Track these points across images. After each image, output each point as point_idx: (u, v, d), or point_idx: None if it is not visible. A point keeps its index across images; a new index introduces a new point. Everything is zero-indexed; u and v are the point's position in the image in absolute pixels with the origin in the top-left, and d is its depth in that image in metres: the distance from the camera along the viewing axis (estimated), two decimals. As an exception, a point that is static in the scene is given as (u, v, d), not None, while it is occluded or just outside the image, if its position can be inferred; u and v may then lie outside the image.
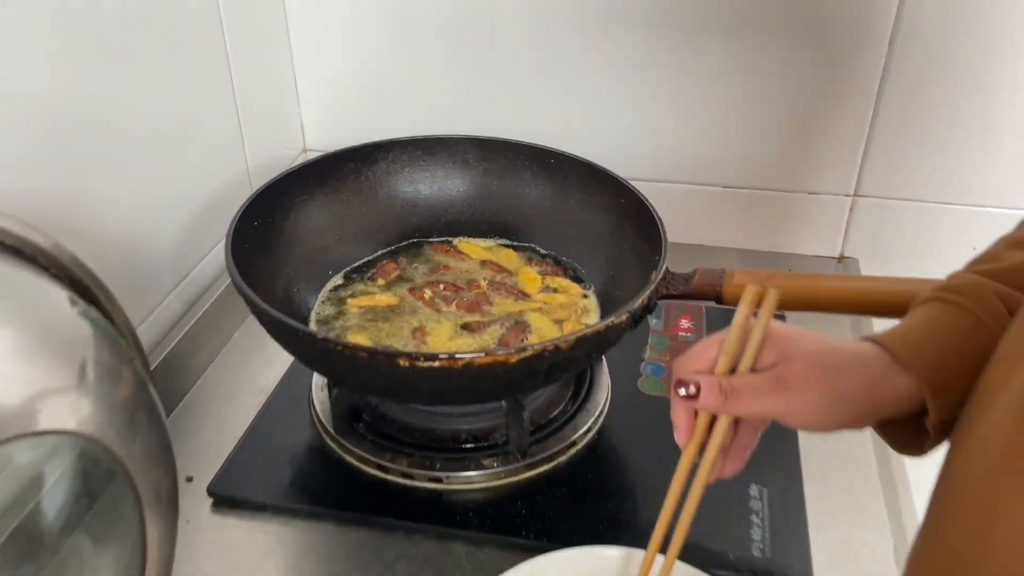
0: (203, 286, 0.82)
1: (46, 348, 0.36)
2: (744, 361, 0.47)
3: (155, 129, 0.72)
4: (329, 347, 0.55)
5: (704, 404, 0.46)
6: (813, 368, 0.46)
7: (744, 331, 0.47)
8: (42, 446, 0.38)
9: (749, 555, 0.59)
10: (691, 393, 0.46)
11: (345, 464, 0.66)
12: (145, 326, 0.74)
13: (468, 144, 0.82)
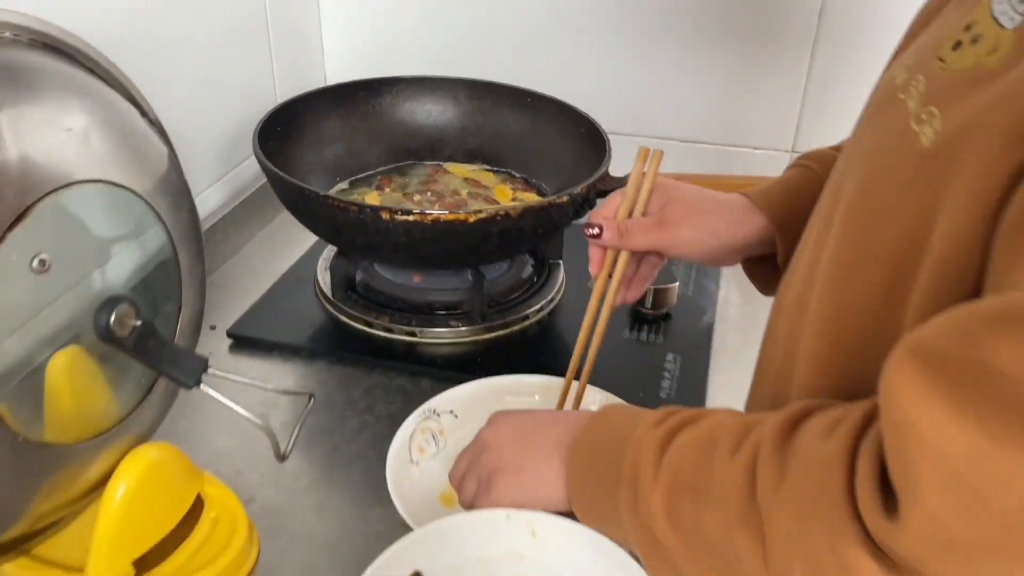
0: (238, 187, 0.98)
1: (122, 130, 0.52)
2: (638, 207, 0.62)
3: (205, 53, 0.88)
4: (329, 202, 0.70)
5: (605, 240, 0.61)
6: (688, 210, 0.61)
7: (637, 184, 0.62)
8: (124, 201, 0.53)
9: (656, 397, 0.74)
10: (595, 233, 0.62)
11: (339, 320, 0.81)
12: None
13: (460, 84, 0.97)
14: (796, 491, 0.36)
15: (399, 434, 0.64)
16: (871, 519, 0.32)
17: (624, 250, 0.62)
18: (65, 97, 0.51)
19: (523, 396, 0.69)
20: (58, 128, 0.49)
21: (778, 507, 0.36)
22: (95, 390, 0.52)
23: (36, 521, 0.53)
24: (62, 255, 0.47)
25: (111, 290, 0.51)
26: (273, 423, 0.69)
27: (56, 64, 0.53)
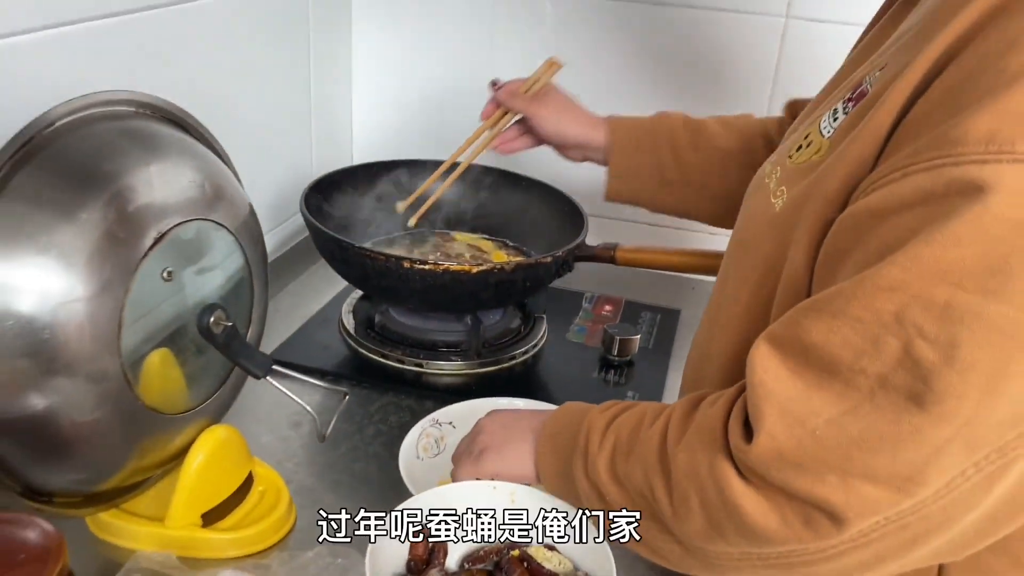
0: (281, 241, 1.16)
1: (217, 182, 0.70)
2: (531, 89, 0.91)
3: (264, 130, 1.08)
4: (363, 252, 0.88)
5: (498, 96, 0.91)
6: (557, 101, 0.92)
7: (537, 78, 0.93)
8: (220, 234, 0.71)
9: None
10: (498, 87, 0.92)
11: (359, 352, 0.98)
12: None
13: (468, 169, 1.17)
14: (691, 440, 0.53)
15: (409, 436, 0.80)
16: (735, 446, 0.49)
17: (508, 110, 0.93)
18: (181, 157, 0.69)
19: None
20: (179, 180, 0.67)
21: (679, 452, 0.53)
22: (189, 374, 0.69)
23: (129, 476, 0.69)
24: (181, 269, 0.65)
25: (210, 299, 0.68)
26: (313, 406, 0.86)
27: (171, 131, 0.71)
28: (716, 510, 0.50)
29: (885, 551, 0.47)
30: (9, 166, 0.59)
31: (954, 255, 0.41)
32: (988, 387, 0.42)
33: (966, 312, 0.41)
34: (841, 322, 0.45)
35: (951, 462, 0.44)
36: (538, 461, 0.65)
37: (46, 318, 0.58)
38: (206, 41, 0.95)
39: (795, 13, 1.11)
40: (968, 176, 0.41)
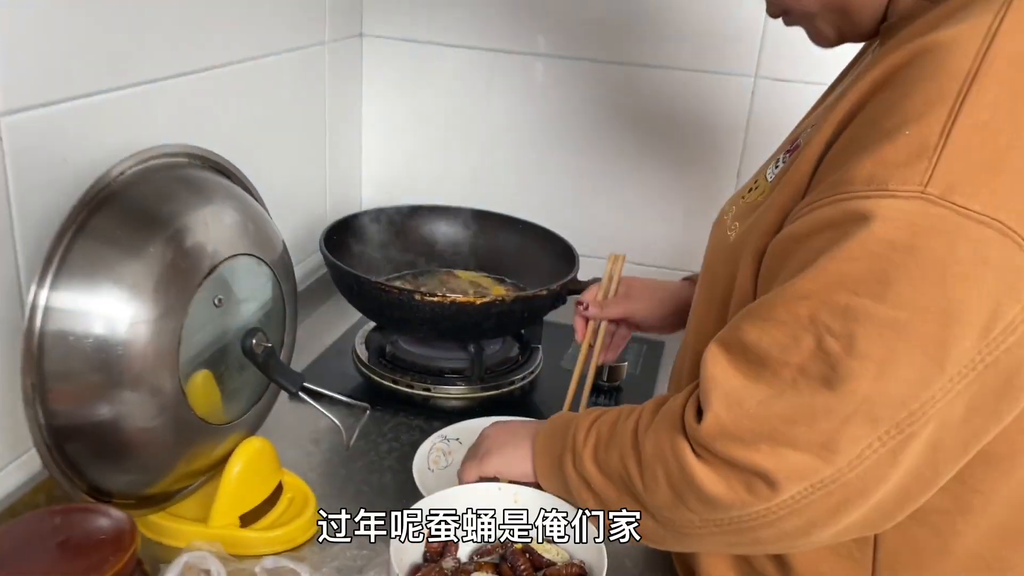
0: (299, 278, 1.25)
1: (257, 224, 0.81)
2: (610, 293, 0.93)
3: (286, 177, 1.19)
4: (378, 286, 0.99)
5: (589, 313, 0.92)
6: (644, 288, 0.93)
7: (609, 279, 0.93)
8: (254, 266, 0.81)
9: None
10: (584, 306, 0.93)
11: (372, 379, 1.08)
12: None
13: (468, 212, 1.28)
14: (656, 426, 0.63)
15: (420, 449, 0.90)
16: (689, 425, 0.59)
17: (602, 320, 0.92)
18: (227, 200, 0.80)
19: (509, 430, 0.95)
20: (226, 220, 0.78)
21: (647, 437, 0.63)
22: (231, 390, 0.79)
23: (177, 480, 0.78)
24: (228, 297, 0.75)
25: (251, 323, 0.78)
26: (331, 437, 0.95)
27: (217, 178, 0.82)
28: (677, 482, 0.60)
29: (817, 516, 0.57)
30: (87, 211, 0.70)
31: (849, 268, 0.52)
32: (879, 371, 0.52)
33: (860, 313, 0.52)
34: (770, 324, 0.56)
35: (858, 433, 0.54)
36: (535, 460, 0.75)
37: (118, 338, 0.68)
38: (240, 99, 1.06)
39: (763, 73, 1.23)
40: (856, 208, 0.52)
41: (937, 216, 0.50)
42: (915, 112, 0.52)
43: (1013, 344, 0.52)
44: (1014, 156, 0.51)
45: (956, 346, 0.52)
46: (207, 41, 0.98)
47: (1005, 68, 0.52)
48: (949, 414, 0.54)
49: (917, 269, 0.51)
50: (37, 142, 0.75)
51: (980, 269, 0.51)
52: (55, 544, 0.62)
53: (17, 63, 0.72)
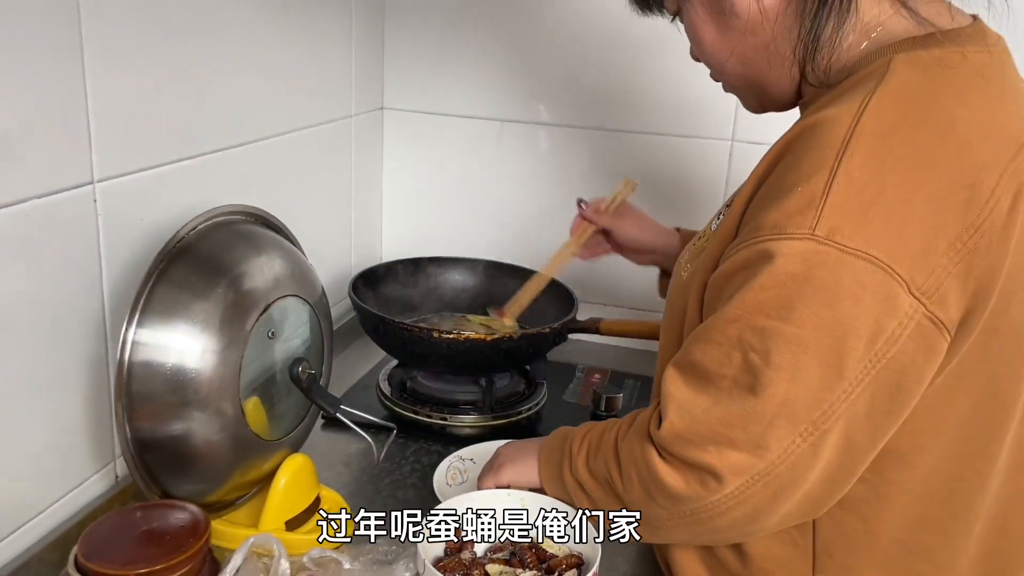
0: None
1: (301, 270, 0.95)
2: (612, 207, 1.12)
3: (317, 230, 1.34)
4: (400, 326, 1.13)
5: (586, 213, 1.12)
6: (635, 216, 1.12)
7: (614, 198, 1.13)
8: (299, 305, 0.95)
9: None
10: (584, 206, 1.12)
11: (394, 410, 1.21)
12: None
13: (479, 263, 1.43)
14: (630, 435, 0.76)
15: (440, 467, 1.03)
16: (652, 432, 0.72)
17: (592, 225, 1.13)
18: (276, 250, 0.94)
19: (517, 451, 1.08)
20: (276, 267, 0.92)
21: (623, 445, 0.76)
22: (279, 411, 0.92)
23: (232, 490, 0.91)
24: (279, 331, 0.90)
25: (297, 353, 0.92)
26: (359, 460, 1.08)
27: (267, 232, 0.97)
28: (646, 480, 0.73)
29: (759, 505, 0.69)
30: (166, 261, 0.84)
31: (762, 296, 0.65)
32: (791, 378, 0.65)
33: (772, 332, 0.65)
34: (709, 345, 0.69)
35: (781, 432, 0.66)
36: (540, 470, 0.88)
37: (191, 366, 0.82)
38: (283, 165, 1.22)
39: (739, 137, 1.39)
40: (764, 248, 0.66)
41: (824, 252, 0.63)
42: (805, 173, 0.66)
43: (896, 353, 0.65)
44: (880, 205, 0.64)
45: (849, 356, 0.64)
46: (256, 118, 1.14)
47: (869, 139, 0.65)
48: (854, 412, 0.66)
49: (812, 295, 0.64)
50: (123, 204, 0.90)
51: (860, 292, 0.63)
52: (140, 533, 0.75)
53: (108, 140, 0.87)
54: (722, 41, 0.78)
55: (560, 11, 1.42)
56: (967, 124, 0.67)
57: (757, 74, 0.79)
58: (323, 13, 1.29)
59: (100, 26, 0.83)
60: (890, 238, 0.63)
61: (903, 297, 0.64)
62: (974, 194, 0.65)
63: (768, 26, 0.74)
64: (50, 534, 0.86)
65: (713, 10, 0.77)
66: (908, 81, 0.68)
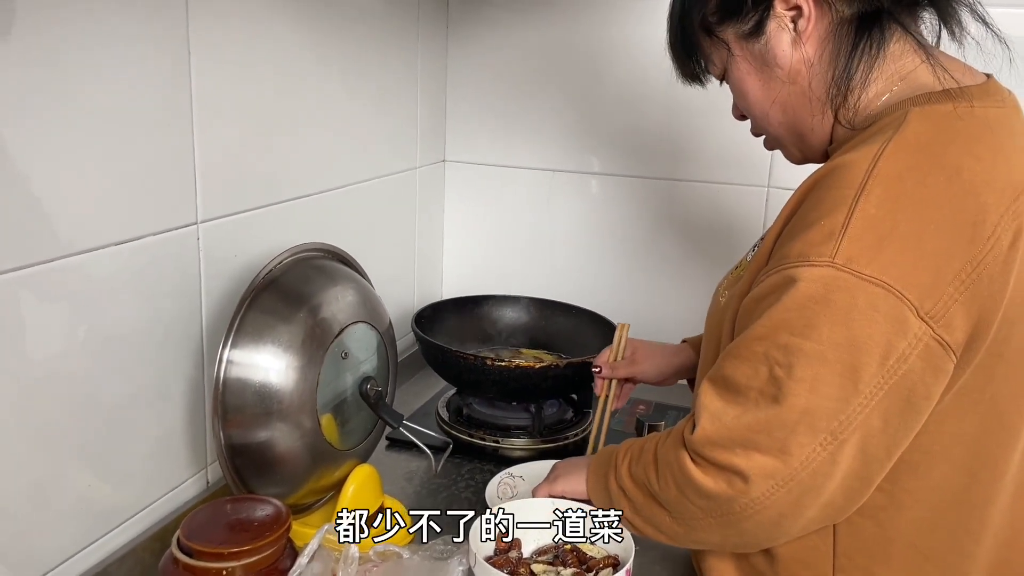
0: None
1: (370, 300, 1.08)
2: (619, 355, 1.16)
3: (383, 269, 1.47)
4: (457, 354, 1.24)
5: (603, 374, 1.15)
6: (646, 352, 1.16)
7: (618, 343, 1.16)
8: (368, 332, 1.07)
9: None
10: (598, 370, 1.15)
11: (451, 433, 1.32)
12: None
13: (530, 300, 1.54)
14: (667, 443, 0.84)
15: (492, 482, 1.13)
16: (686, 439, 0.81)
17: (614, 379, 1.16)
18: (349, 283, 1.07)
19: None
20: (348, 297, 1.05)
21: (661, 449, 0.85)
22: (350, 425, 1.04)
23: (307, 494, 1.03)
24: (352, 352, 1.02)
25: (367, 372, 1.04)
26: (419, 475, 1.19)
27: (341, 267, 1.10)
28: (679, 481, 0.81)
29: (784, 509, 0.76)
30: (255, 292, 0.98)
31: (786, 316, 0.74)
32: (811, 390, 0.73)
33: (795, 348, 0.73)
34: (739, 361, 0.78)
35: (803, 440, 0.73)
36: (588, 481, 0.96)
37: (276, 382, 0.95)
38: (356, 210, 1.37)
39: (775, 184, 1.49)
40: (789, 274, 0.74)
41: (842, 278, 0.72)
42: (827, 210, 0.75)
43: (906, 371, 0.72)
44: (893, 239, 0.72)
45: (864, 371, 0.72)
46: (333, 169, 1.29)
47: (884, 181, 0.74)
48: (869, 425, 0.74)
49: (830, 315, 0.72)
50: (220, 242, 1.05)
51: (873, 315, 0.71)
52: (231, 521, 0.87)
53: (210, 187, 1.02)
54: (766, 91, 0.86)
55: (610, 71, 1.55)
56: (972, 170, 0.75)
57: (798, 121, 0.87)
58: (392, 76, 1.44)
59: (207, 88, 0.99)
60: (901, 268, 0.71)
61: (912, 320, 0.71)
62: (977, 231, 0.73)
63: (806, 72, 0.83)
64: (152, 527, 0.99)
65: (756, 64, 0.85)
66: (921, 132, 0.76)
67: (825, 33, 0.82)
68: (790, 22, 0.82)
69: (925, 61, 0.82)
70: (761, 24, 0.83)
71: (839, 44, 0.81)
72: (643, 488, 0.88)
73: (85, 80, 0.83)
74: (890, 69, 0.82)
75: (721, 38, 0.86)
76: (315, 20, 1.19)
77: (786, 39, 0.82)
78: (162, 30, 0.91)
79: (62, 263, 0.83)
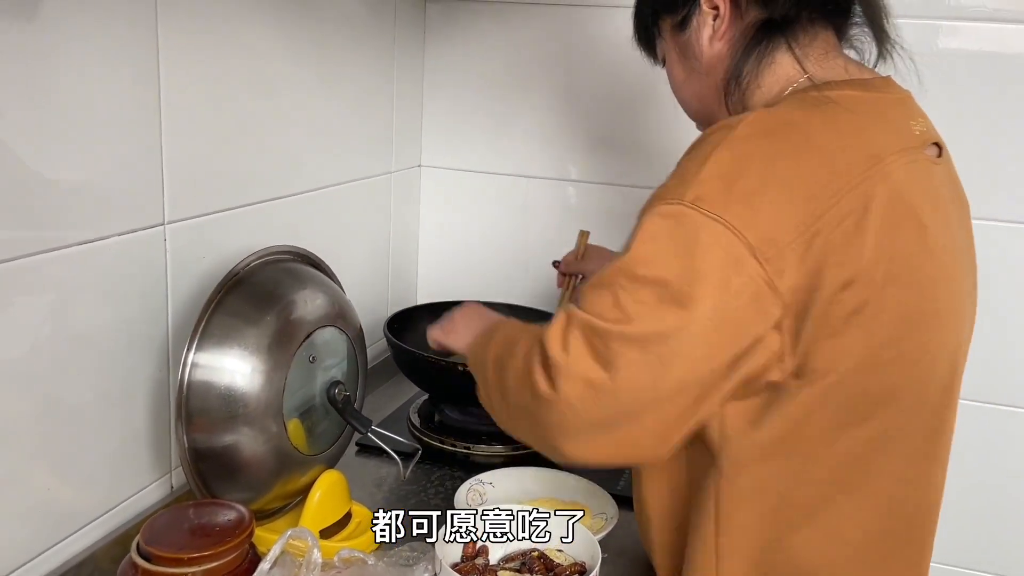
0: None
1: (340, 304, 1.07)
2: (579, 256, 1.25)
3: (357, 273, 1.46)
4: (429, 360, 1.24)
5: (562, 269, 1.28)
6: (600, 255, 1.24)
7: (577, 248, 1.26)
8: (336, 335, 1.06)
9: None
10: (557, 263, 1.27)
11: (422, 440, 1.31)
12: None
13: (505, 307, 1.53)
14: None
15: (461, 488, 1.13)
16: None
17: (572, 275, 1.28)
18: (319, 286, 1.06)
19: (531, 479, 1.17)
20: (318, 301, 1.04)
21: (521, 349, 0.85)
22: (317, 430, 1.03)
23: (273, 500, 1.02)
24: (320, 356, 1.01)
25: (335, 377, 1.04)
26: (388, 482, 1.18)
27: (311, 270, 1.09)
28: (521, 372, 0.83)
29: (595, 418, 0.77)
30: (222, 293, 0.97)
31: (639, 247, 0.78)
32: (650, 313, 0.75)
33: (641, 277, 0.77)
34: (596, 288, 0.80)
35: (632, 356, 0.75)
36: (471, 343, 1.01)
37: (242, 385, 0.94)
38: (328, 214, 1.36)
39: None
40: (647, 214, 0.79)
41: (688, 214, 0.75)
42: (686, 162, 0.80)
43: (740, 305, 0.75)
44: (739, 187, 0.75)
45: (701, 301, 0.74)
46: (305, 171, 1.28)
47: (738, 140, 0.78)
48: (695, 355, 0.75)
49: (674, 246, 0.75)
50: (188, 243, 1.03)
51: (713, 249, 0.74)
52: (193, 526, 0.85)
53: (178, 188, 1.01)
54: (687, 80, 0.94)
55: (588, 79, 1.55)
56: (825, 138, 0.79)
57: (708, 109, 0.94)
58: (369, 80, 1.44)
59: (176, 87, 0.98)
60: (744, 212, 0.75)
61: (748, 260, 0.75)
62: (820, 191, 0.76)
63: (718, 67, 0.89)
64: (113, 532, 0.97)
65: (682, 54, 0.93)
66: (785, 108, 0.82)
67: (735, 34, 0.88)
68: (711, 20, 0.89)
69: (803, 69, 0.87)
70: (687, 19, 0.90)
71: (739, 45, 0.88)
72: (496, 367, 0.91)
73: (49, 77, 0.82)
74: (783, 74, 0.87)
75: (660, 27, 0.95)
76: (291, 22, 1.19)
77: (706, 35, 0.89)
78: (129, 27, 0.91)
79: (25, 262, 0.82)
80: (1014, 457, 1.47)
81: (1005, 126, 1.36)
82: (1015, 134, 1.36)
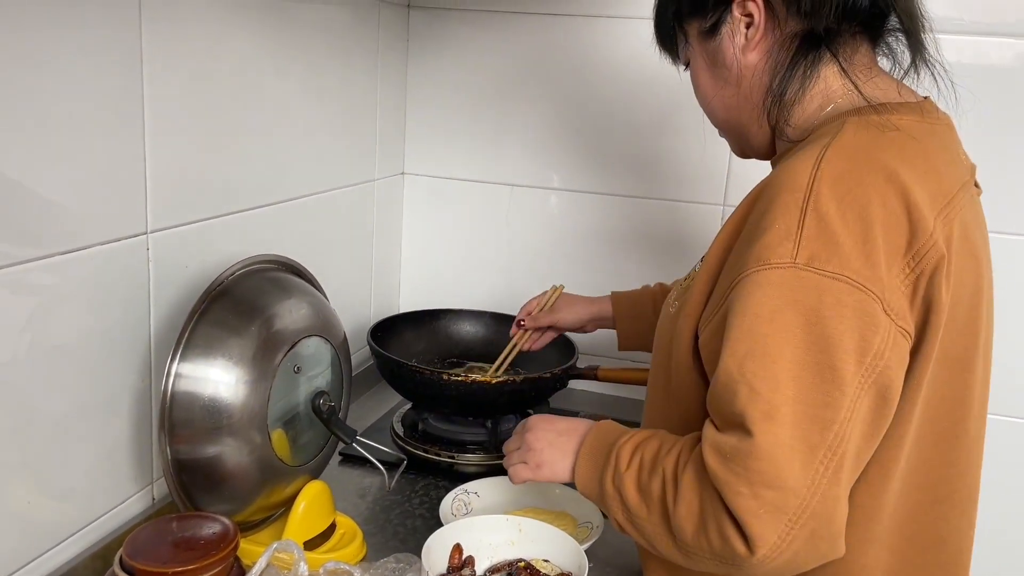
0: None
1: (325, 313, 1.07)
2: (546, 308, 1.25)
3: (340, 282, 1.45)
4: (413, 368, 1.23)
5: (526, 324, 1.27)
6: (566, 302, 1.27)
7: (547, 299, 1.27)
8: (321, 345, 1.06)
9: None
10: (521, 319, 1.27)
11: (406, 448, 1.31)
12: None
13: (487, 314, 1.53)
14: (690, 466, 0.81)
15: (446, 499, 1.12)
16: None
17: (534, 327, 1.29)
18: (304, 296, 1.06)
19: (517, 488, 1.17)
20: (303, 310, 1.03)
21: (684, 474, 0.81)
22: (302, 441, 1.02)
23: (257, 511, 1.01)
24: (305, 366, 1.00)
25: (320, 387, 1.03)
26: (373, 491, 1.17)
27: (296, 279, 1.08)
28: (710, 529, 0.75)
29: (798, 547, 0.71)
30: (206, 303, 0.96)
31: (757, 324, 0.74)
32: (796, 399, 0.72)
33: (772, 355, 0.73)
34: (724, 390, 0.75)
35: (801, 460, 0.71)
36: (577, 467, 0.89)
37: (225, 395, 0.93)
38: (312, 222, 1.35)
39: (730, 202, 1.50)
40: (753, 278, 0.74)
41: (806, 277, 0.72)
42: (778, 213, 0.75)
43: (883, 367, 0.72)
44: (845, 237, 0.73)
45: (844, 370, 0.71)
46: (289, 180, 1.27)
47: (829, 181, 0.75)
48: (856, 431, 0.72)
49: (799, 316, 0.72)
50: (171, 252, 1.02)
51: (841, 310, 0.71)
52: (177, 539, 0.84)
53: (161, 197, 1.00)
54: (713, 88, 0.91)
55: (570, 87, 1.56)
56: (907, 174, 0.77)
57: (738, 121, 0.91)
58: (352, 88, 1.43)
59: (159, 95, 0.97)
60: (858, 263, 0.72)
61: (880, 314, 0.72)
62: (919, 228, 0.75)
63: (749, 78, 0.87)
64: (94, 545, 0.96)
65: (710, 60, 0.90)
66: (857, 138, 0.79)
67: (771, 45, 0.85)
68: (743, 28, 0.85)
69: (854, 88, 0.84)
70: (718, 25, 0.87)
71: (780, 58, 0.85)
72: (653, 504, 0.81)
73: (30, 83, 0.81)
74: (825, 88, 0.85)
75: (686, 31, 0.91)
76: (274, 30, 1.18)
77: (737, 43, 0.86)
78: (112, 34, 0.90)
79: (6, 272, 0.81)
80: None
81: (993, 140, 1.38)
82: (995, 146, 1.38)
